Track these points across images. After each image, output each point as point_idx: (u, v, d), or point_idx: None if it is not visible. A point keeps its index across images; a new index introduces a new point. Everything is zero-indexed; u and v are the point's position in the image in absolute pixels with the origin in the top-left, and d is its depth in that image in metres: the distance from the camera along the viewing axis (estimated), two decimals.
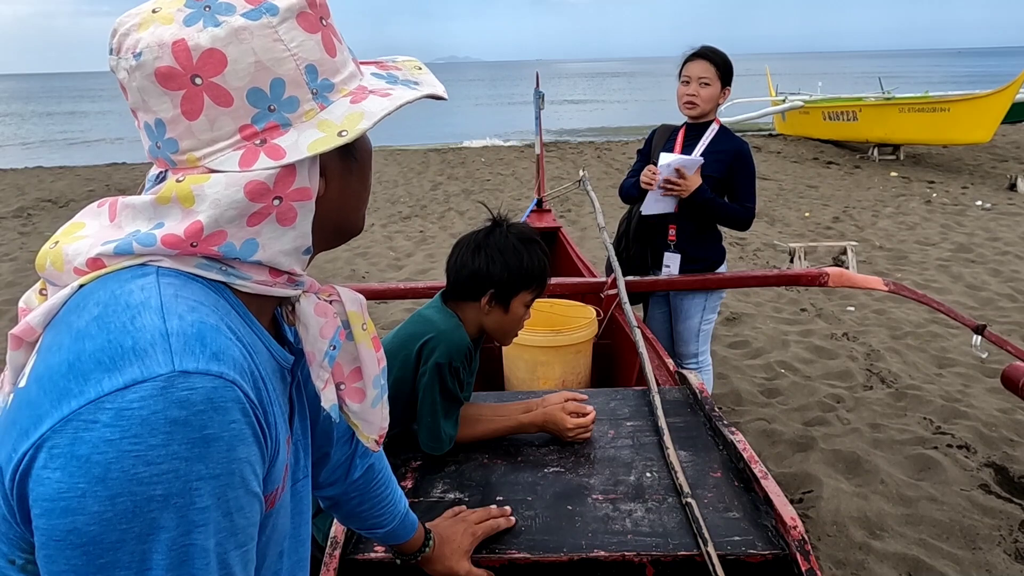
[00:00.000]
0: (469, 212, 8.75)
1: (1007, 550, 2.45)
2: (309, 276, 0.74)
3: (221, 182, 0.60)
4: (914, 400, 3.55)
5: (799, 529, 1.22)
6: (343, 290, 0.76)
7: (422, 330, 1.55)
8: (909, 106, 11.28)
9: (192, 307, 0.57)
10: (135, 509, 0.50)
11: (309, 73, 0.62)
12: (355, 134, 0.62)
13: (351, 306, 0.75)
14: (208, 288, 0.62)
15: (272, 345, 0.68)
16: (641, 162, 3.04)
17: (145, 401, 0.50)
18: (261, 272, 0.64)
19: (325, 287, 0.75)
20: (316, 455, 0.96)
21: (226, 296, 0.63)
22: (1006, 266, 5.79)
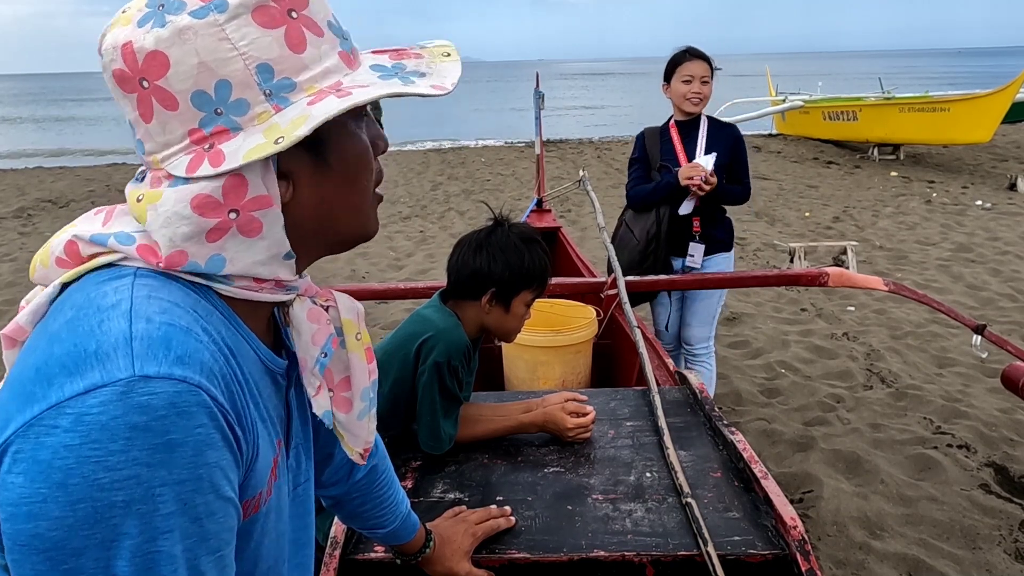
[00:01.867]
0: (469, 212, 8.75)
1: (1007, 550, 2.45)
2: (309, 279, 0.72)
3: (171, 199, 0.59)
4: (914, 400, 3.55)
5: (799, 529, 1.22)
6: (340, 296, 0.74)
7: (420, 329, 1.55)
8: (909, 106, 11.28)
9: (164, 309, 0.56)
10: (97, 515, 0.49)
11: (262, 73, 0.58)
12: (290, 141, 0.57)
13: (347, 314, 0.74)
14: (189, 289, 0.60)
15: (260, 349, 0.67)
16: (642, 168, 3.07)
17: (105, 406, 0.50)
18: (242, 279, 0.63)
19: (323, 291, 0.73)
20: (319, 455, 0.96)
21: (209, 298, 0.62)
22: (1006, 266, 5.79)
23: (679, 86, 2.96)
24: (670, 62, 3.01)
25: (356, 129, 0.67)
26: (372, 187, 0.70)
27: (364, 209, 0.70)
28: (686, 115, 3.03)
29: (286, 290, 0.67)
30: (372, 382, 0.77)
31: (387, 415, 1.57)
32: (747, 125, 15.52)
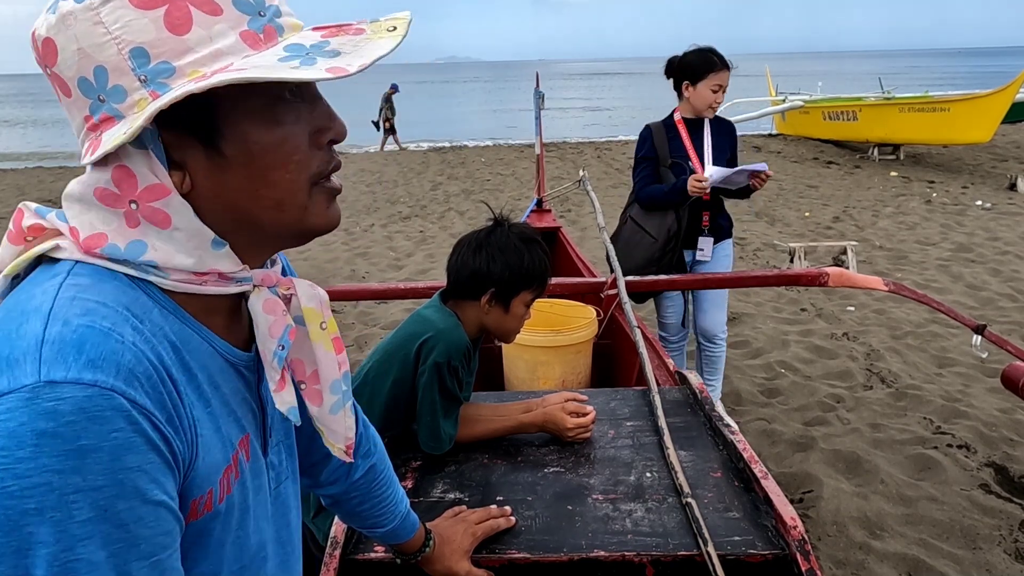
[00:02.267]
0: (469, 212, 8.75)
1: (1007, 550, 2.45)
2: (275, 268, 0.71)
3: (84, 184, 0.60)
4: (914, 400, 3.55)
5: (799, 529, 1.22)
6: (300, 283, 0.70)
7: (420, 330, 1.55)
8: (909, 106, 11.28)
9: (87, 310, 0.54)
10: (9, 523, 0.48)
11: (136, 57, 0.56)
12: (134, 131, 0.55)
13: (308, 302, 0.70)
14: (127, 286, 0.59)
15: (216, 342, 0.65)
16: (651, 166, 3.09)
17: (11, 413, 0.49)
18: (178, 272, 0.61)
19: (285, 280, 0.70)
20: (317, 455, 0.95)
21: (151, 293, 0.60)
22: (1006, 266, 5.79)
23: (707, 92, 2.97)
24: (701, 64, 2.96)
25: (271, 117, 0.60)
26: (305, 178, 0.63)
27: (289, 203, 0.63)
28: (697, 115, 3.06)
29: (236, 282, 0.65)
30: (343, 374, 0.74)
31: (387, 415, 1.57)
32: (747, 125, 15.55)
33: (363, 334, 4.66)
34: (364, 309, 5.15)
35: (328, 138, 0.65)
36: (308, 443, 0.93)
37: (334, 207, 0.68)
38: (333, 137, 0.65)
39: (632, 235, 3.13)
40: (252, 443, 0.70)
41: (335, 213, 0.68)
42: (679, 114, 3.10)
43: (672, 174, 3.04)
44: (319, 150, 0.64)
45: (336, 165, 0.67)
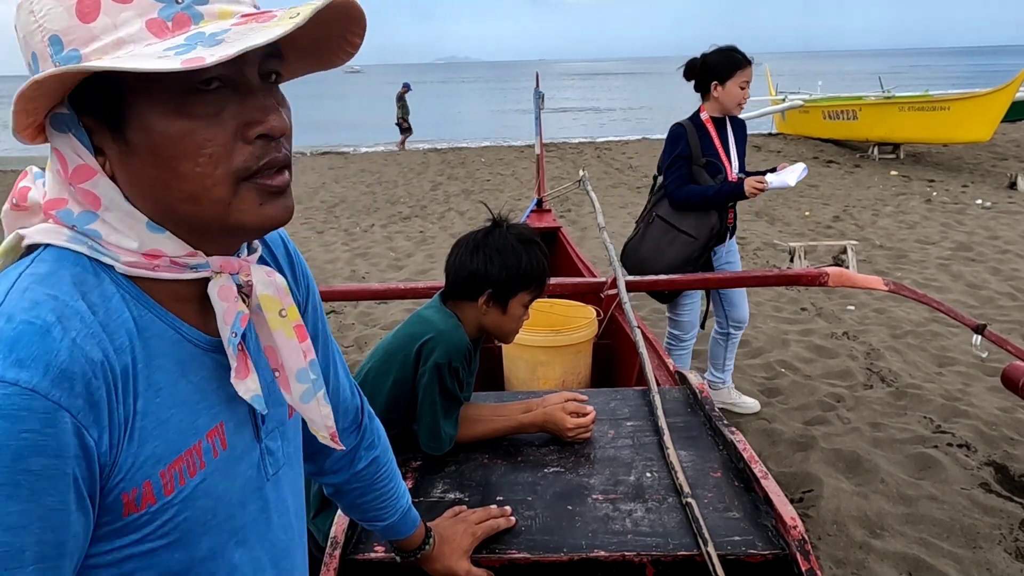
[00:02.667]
0: (469, 212, 8.75)
1: (1007, 549, 2.45)
2: (240, 255, 0.70)
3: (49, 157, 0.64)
4: (914, 399, 3.55)
5: (799, 529, 1.22)
6: (257, 270, 0.69)
7: (421, 330, 1.55)
8: (909, 105, 11.27)
9: (34, 303, 0.56)
10: None
11: (53, 45, 0.58)
12: (15, 120, 0.58)
13: (263, 289, 0.69)
14: (89, 272, 0.61)
15: (182, 328, 0.65)
16: (686, 165, 3.09)
17: None
18: (129, 255, 0.62)
19: (246, 266, 0.69)
20: (319, 443, 0.96)
21: (114, 278, 0.62)
22: (1006, 264, 5.79)
23: (736, 90, 3.00)
24: (728, 63, 2.99)
25: (179, 108, 0.59)
26: (224, 173, 0.61)
27: (204, 197, 0.61)
28: (724, 114, 3.09)
29: (190, 268, 0.65)
30: (310, 363, 0.72)
31: (387, 415, 1.57)
32: (747, 125, 15.58)
33: (363, 334, 4.66)
34: (364, 309, 5.15)
35: (256, 132, 0.61)
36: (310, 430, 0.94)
37: (272, 205, 0.64)
38: (265, 132, 0.62)
39: (663, 234, 3.11)
40: (229, 431, 0.69)
41: (272, 212, 0.64)
42: (706, 113, 3.10)
43: (707, 173, 3.05)
44: (247, 144, 0.61)
45: (271, 162, 0.63)
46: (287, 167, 0.65)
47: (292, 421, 0.82)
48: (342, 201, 9.83)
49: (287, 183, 0.65)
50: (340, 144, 17.66)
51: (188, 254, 0.64)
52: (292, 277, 0.85)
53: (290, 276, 0.85)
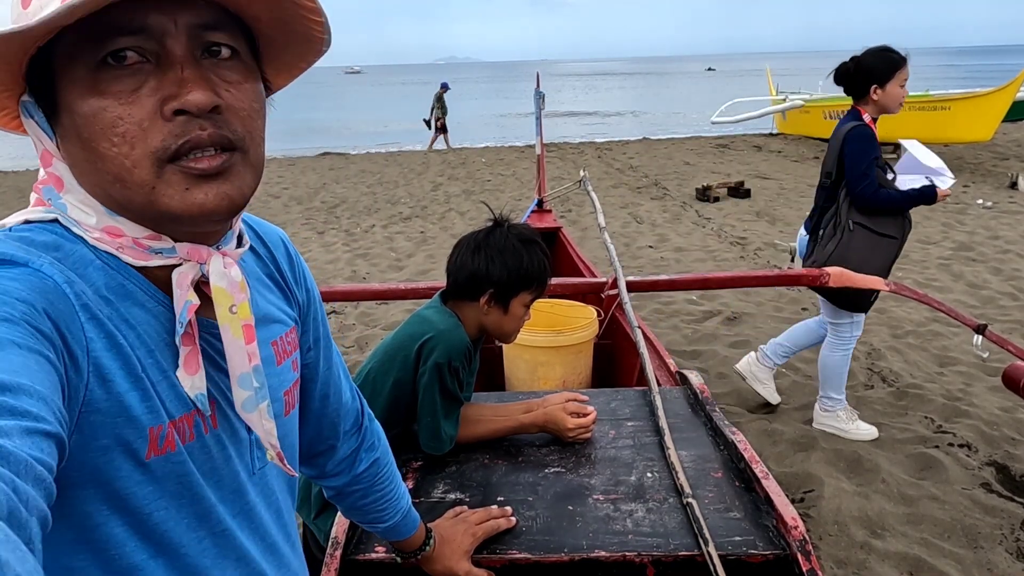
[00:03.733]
0: (470, 213, 8.75)
1: (1009, 549, 2.45)
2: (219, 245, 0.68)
3: None
4: (915, 399, 3.55)
5: (800, 529, 1.22)
6: (215, 260, 0.66)
7: (421, 330, 1.55)
8: (910, 105, 11.27)
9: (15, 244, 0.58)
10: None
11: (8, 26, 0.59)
12: None
13: (217, 280, 0.65)
14: (66, 239, 0.61)
15: (166, 300, 0.64)
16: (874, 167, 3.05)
17: None
18: (93, 229, 0.62)
19: (212, 255, 0.66)
20: (323, 446, 0.96)
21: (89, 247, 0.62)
22: (1007, 264, 5.78)
23: (897, 90, 2.99)
24: (887, 65, 2.95)
25: (91, 85, 0.57)
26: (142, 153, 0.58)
27: (128, 179, 0.59)
28: (882, 114, 3.08)
29: (154, 252, 0.63)
30: (253, 368, 0.67)
31: (388, 415, 1.57)
32: (748, 125, 15.56)
33: (364, 335, 4.66)
34: (365, 310, 5.15)
35: (172, 108, 0.57)
36: (313, 433, 0.94)
37: (200, 191, 0.60)
38: (180, 107, 0.57)
39: (866, 240, 3.05)
40: (220, 413, 0.68)
41: (200, 198, 0.60)
42: (867, 116, 3.07)
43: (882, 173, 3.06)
44: (167, 122, 0.58)
45: (193, 141, 0.58)
46: (227, 148, 0.60)
47: (287, 420, 0.80)
48: (343, 202, 9.83)
49: (220, 167, 0.60)
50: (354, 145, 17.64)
51: (149, 236, 0.63)
52: (293, 279, 0.84)
53: (290, 278, 0.84)
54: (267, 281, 0.81)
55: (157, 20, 0.57)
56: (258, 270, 0.80)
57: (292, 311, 0.83)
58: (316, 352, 0.90)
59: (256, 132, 0.64)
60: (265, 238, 0.83)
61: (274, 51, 0.68)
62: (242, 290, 0.67)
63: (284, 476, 0.81)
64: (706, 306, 5.03)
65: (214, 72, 0.60)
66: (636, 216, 8.19)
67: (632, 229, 7.54)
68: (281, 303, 0.82)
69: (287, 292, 0.83)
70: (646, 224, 7.79)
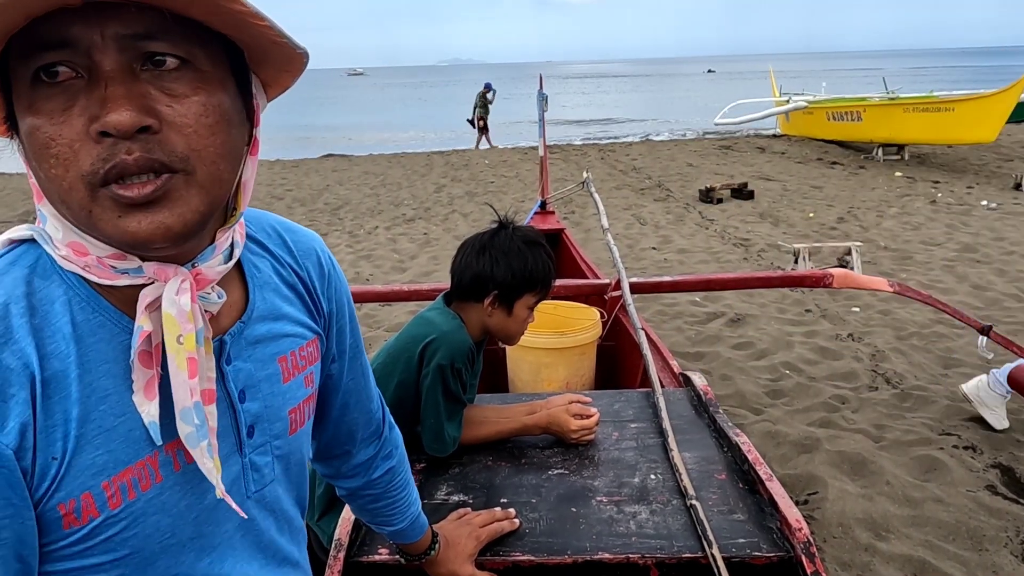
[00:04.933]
0: (473, 214, 8.76)
1: (1014, 551, 2.44)
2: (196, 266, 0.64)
3: None
4: (919, 401, 3.54)
5: (804, 531, 1.21)
6: (171, 285, 0.61)
7: (424, 332, 1.55)
8: (913, 106, 11.25)
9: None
10: None
11: None
12: None
13: (167, 307, 0.60)
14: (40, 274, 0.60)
15: (130, 327, 0.61)
16: None
17: None
18: (61, 246, 0.60)
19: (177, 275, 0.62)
20: (339, 450, 0.97)
21: (63, 276, 0.60)
22: (1012, 266, 5.77)
23: None
24: None
25: (28, 103, 0.54)
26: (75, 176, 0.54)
27: (69, 202, 0.55)
28: None
29: (119, 271, 0.60)
30: (194, 404, 0.61)
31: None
32: (751, 126, 15.54)
33: (367, 336, 4.66)
34: (368, 311, 5.16)
35: (95, 129, 0.53)
36: (330, 437, 0.94)
37: (132, 219, 0.55)
38: (101, 129, 0.52)
39: None
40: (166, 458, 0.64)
41: (132, 228, 0.55)
42: None
43: None
44: (96, 144, 0.53)
45: (119, 167, 0.53)
46: (159, 172, 0.55)
47: (293, 438, 0.77)
48: (346, 203, 9.85)
49: (151, 195, 0.54)
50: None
51: (113, 256, 0.59)
52: (321, 290, 0.82)
53: (318, 288, 0.81)
54: (286, 291, 0.78)
55: (82, 32, 0.52)
56: (276, 279, 0.77)
57: (315, 323, 0.81)
58: (340, 363, 0.89)
59: (206, 149, 0.57)
60: (294, 246, 0.80)
61: (254, 58, 0.63)
62: (190, 320, 0.61)
63: (288, 495, 0.79)
64: (709, 308, 5.02)
65: (154, 85, 0.55)
66: (639, 218, 8.18)
67: (635, 231, 7.54)
68: (300, 314, 0.79)
69: (312, 303, 0.81)
70: (649, 226, 7.79)
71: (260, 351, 0.73)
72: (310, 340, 0.80)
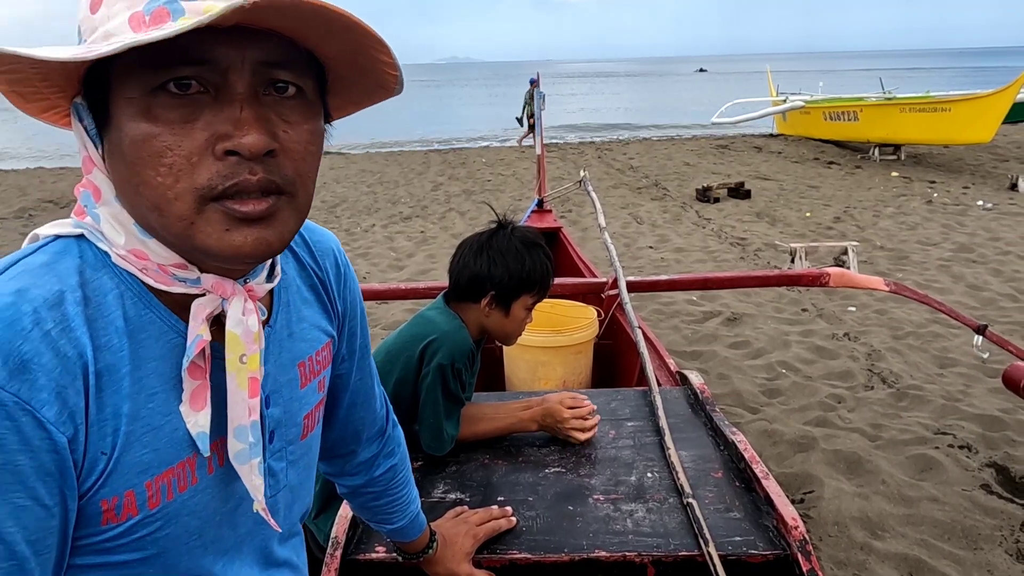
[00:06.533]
0: (470, 212, 8.75)
1: (1008, 550, 2.45)
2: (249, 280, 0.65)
3: None
4: (915, 400, 3.55)
5: (800, 529, 1.22)
6: (235, 304, 0.63)
7: (425, 331, 1.55)
8: (910, 106, 11.28)
9: (17, 290, 0.54)
10: None
11: (79, 35, 0.59)
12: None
13: (232, 326, 0.62)
14: (91, 265, 0.59)
15: (183, 329, 0.62)
16: None
17: None
18: (118, 247, 0.60)
19: (235, 293, 0.64)
20: (343, 450, 0.97)
21: (113, 271, 0.60)
22: (1007, 266, 5.78)
23: None
24: None
25: (144, 109, 0.55)
26: (186, 188, 0.55)
27: (166, 211, 0.56)
28: None
29: (178, 280, 0.61)
30: (251, 423, 0.64)
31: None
32: (748, 126, 15.56)
33: None
34: (365, 309, 5.15)
35: (224, 148, 0.55)
36: (337, 437, 0.95)
37: (239, 233, 0.57)
38: (232, 148, 0.55)
39: None
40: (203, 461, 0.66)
41: (238, 241, 0.57)
42: None
43: None
44: (217, 160, 0.55)
45: (241, 185, 0.55)
46: (272, 193, 0.57)
47: (304, 443, 0.78)
48: (343, 201, 9.83)
49: (264, 212, 0.57)
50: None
51: (176, 264, 0.60)
52: (336, 291, 0.82)
53: (334, 289, 0.82)
54: (308, 293, 0.79)
55: (225, 53, 0.54)
56: (300, 283, 0.78)
57: (330, 325, 0.82)
58: (350, 363, 0.90)
59: (308, 174, 0.61)
60: (315, 247, 0.81)
61: (342, 87, 0.65)
62: (256, 341, 0.64)
63: (296, 503, 0.79)
64: (706, 307, 5.03)
65: (275, 110, 0.57)
66: (636, 216, 8.19)
67: (632, 229, 7.55)
68: (319, 317, 0.80)
69: (328, 304, 0.82)
70: (646, 224, 7.79)
71: (283, 356, 0.73)
72: (325, 344, 0.80)
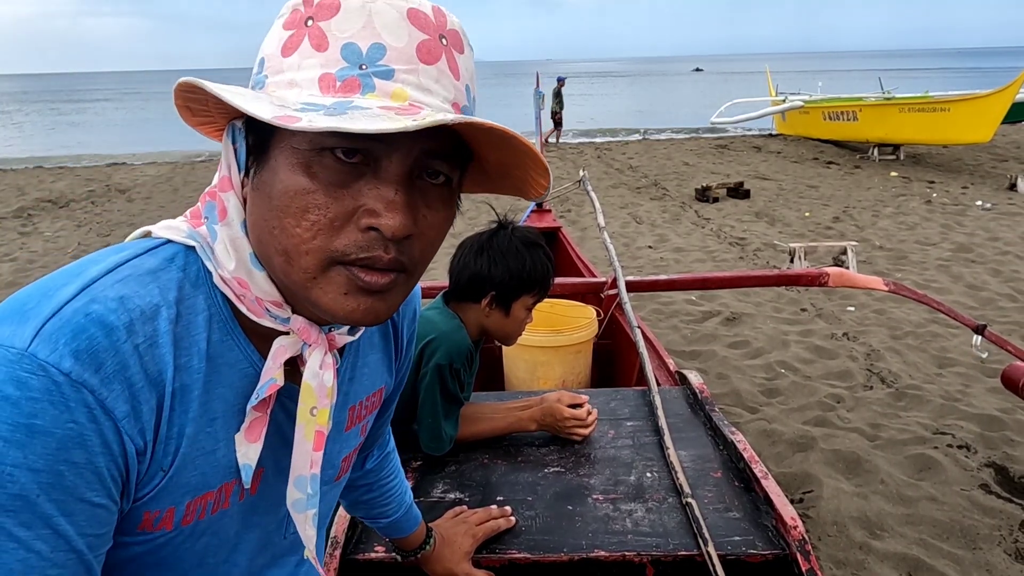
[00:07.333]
0: (469, 212, 8.75)
1: (1007, 550, 2.45)
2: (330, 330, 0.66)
3: None
4: (914, 400, 3.55)
5: (799, 529, 1.22)
6: (315, 356, 0.65)
7: (424, 331, 1.55)
8: (909, 106, 11.29)
9: (119, 297, 0.55)
10: None
11: (260, 63, 0.60)
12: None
13: (309, 378, 0.64)
14: (191, 283, 0.60)
15: (260, 364, 0.64)
16: None
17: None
18: (223, 269, 0.61)
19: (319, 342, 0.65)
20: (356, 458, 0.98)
21: (208, 292, 0.61)
22: (1006, 266, 5.79)
23: None
24: None
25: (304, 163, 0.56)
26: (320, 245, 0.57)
27: (295, 259, 0.57)
28: None
29: (270, 315, 0.62)
30: (311, 476, 0.66)
31: None
32: (747, 125, 15.57)
33: None
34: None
35: (367, 223, 0.56)
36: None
37: (355, 299, 0.58)
38: (374, 225, 0.56)
39: None
40: (266, 478, 0.68)
41: (351, 306, 0.59)
42: None
43: None
44: (357, 231, 0.57)
45: (371, 259, 0.57)
46: (397, 271, 0.59)
47: (338, 484, 0.80)
48: None
49: (384, 286, 0.59)
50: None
51: (273, 302, 0.62)
52: (406, 341, 0.84)
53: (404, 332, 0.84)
54: (378, 339, 0.80)
55: (401, 139, 0.56)
56: (375, 328, 0.79)
57: (388, 373, 0.83)
58: (393, 396, 0.92)
59: (428, 258, 0.63)
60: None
61: (483, 180, 0.69)
62: (328, 396, 0.66)
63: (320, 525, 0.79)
64: (705, 306, 5.03)
65: (422, 195, 0.59)
66: (636, 216, 8.19)
67: (631, 229, 7.55)
68: (381, 364, 0.81)
69: (395, 351, 0.83)
70: (645, 224, 7.80)
71: (337, 398, 0.73)
72: (378, 390, 0.81)
